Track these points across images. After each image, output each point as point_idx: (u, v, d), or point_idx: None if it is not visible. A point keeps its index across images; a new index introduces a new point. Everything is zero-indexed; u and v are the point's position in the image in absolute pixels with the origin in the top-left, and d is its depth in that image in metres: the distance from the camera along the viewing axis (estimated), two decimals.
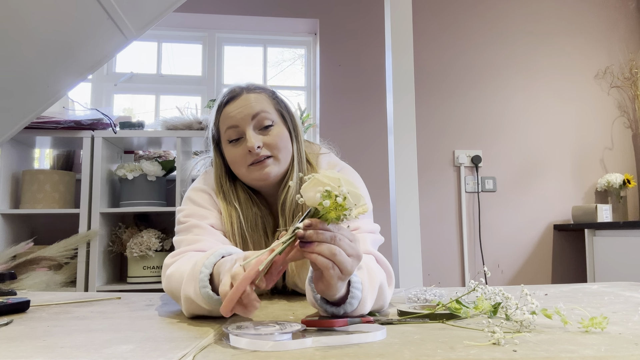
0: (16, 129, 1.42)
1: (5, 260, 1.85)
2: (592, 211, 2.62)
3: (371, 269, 0.77)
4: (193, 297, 0.72)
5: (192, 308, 0.74)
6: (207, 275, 0.72)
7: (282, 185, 1.02)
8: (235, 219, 0.98)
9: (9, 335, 0.66)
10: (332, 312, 0.70)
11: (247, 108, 0.98)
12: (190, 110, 2.50)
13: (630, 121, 2.97)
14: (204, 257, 0.74)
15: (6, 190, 2.07)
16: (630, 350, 0.52)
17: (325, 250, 0.61)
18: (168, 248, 2.21)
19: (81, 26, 1.28)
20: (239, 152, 0.98)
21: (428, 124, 2.78)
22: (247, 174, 0.99)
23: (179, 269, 0.82)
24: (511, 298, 0.70)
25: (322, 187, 0.61)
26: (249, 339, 0.55)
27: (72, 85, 1.45)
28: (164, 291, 0.89)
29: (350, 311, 0.69)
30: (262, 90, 1.03)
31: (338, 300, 0.69)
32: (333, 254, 0.62)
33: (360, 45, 2.83)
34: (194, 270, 0.74)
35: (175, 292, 0.81)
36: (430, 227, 2.72)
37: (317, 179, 0.62)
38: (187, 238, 0.93)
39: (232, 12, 2.78)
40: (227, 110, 1.00)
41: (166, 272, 0.86)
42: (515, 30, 2.96)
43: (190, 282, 0.74)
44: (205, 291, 0.70)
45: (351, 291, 0.69)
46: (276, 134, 0.99)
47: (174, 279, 0.82)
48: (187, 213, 0.98)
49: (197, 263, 0.75)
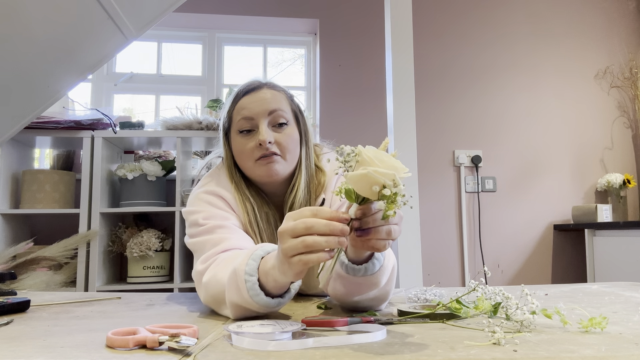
0: (16, 129, 1.42)
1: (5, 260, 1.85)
2: (592, 211, 2.62)
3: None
4: (242, 304, 0.71)
5: (240, 312, 0.73)
6: (255, 283, 0.69)
7: (289, 188, 1.01)
8: (250, 210, 0.98)
9: (9, 335, 0.66)
10: (352, 269, 0.73)
11: (266, 103, 0.98)
12: (190, 110, 2.50)
13: (630, 121, 2.97)
14: (243, 263, 0.71)
15: (6, 190, 2.07)
16: (630, 350, 0.52)
17: (383, 233, 0.63)
18: (168, 248, 2.21)
19: (81, 26, 1.28)
20: (248, 144, 0.97)
21: (428, 124, 2.78)
22: (253, 168, 0.98)
23: (215, 277, 0.79)
24: (511, 298, 0.70)
25: (377, 183, 0.60)
26: (251, 339, 0.55)
27: (72, 85, 1.45)
28: (202, 301, 0.85)
29: (371, 273, 0.73)
30: (282, 90, 1.04)
31: (360, 260, 0.73)
32: (389, 233, 0.63)
33: (360, 45, 2.83)
34: (236, 279, 0.71)
35: (217, 300, 0.78)
36: (430, 227, 2.72)
37: (372, 175, 0.59)
38: (212, 238, 0.89)
39: (232, 12, 2.78)
40: (245, 101, 0.99)
41: (202, 280, 0.83)
42: (515, 30, 2.96)
43: (234, 290, 0.72)
44: (259, 299, 0.69)
45: (375, 254, 0.73)
46: (288, 134, 0.99)
47: (212, 286, 0.79)
48: (207, 215, 0.94)
49: (237, 271, 0.71)
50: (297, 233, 0.61)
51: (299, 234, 0.61)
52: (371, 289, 0.75)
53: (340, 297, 0.80)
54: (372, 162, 0.60)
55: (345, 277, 0.74)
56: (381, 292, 0.79)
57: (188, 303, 0.98)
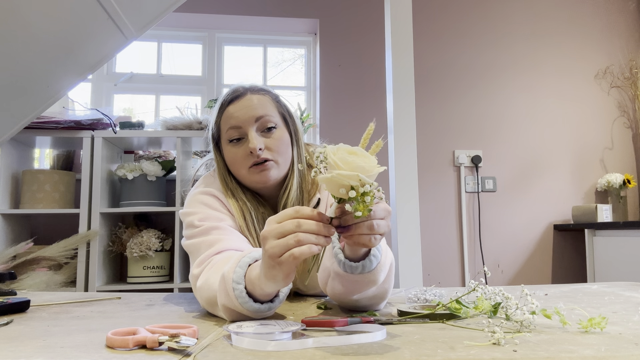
0: (16, 129, 1.42)
1: (5, 260, 1.85)
2: (592, 211, 2.62)
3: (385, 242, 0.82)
4: (233, 308, 0.71)
5: (234, 315, 0.73)
6: (243, 291, 0.69)
7: (282, 189, 1.01)
8: (248, 214, 0.98)
9: (9, 335, 0.66)
10: (350, 267, 0.73)
11: (251, 109, 0.98)
12: (190, 110, 2.50)
13: (630, 121, 2.97)
14: (231, 271, 0.71)
15: (6, 190, 2.07)
16: (630, 350, 0.52)
17: (365, 229, 0.63)
18: (168, 248, 2.21)
19: (81, 26, 1.28)
20: (239, 152, 0.97)
21: (428, 124, 2.78)
22: (247, 175, 0.98)
23: (207, 281, 0.80)
24: (511, 298, 0.70)
25: (343, 186, 0.59)
26: (250, 339, 0.55)
27: (72, 85, 1.45)
28: (200, 303, 0.85)
29: (368, 270, 0.73)
30: (266, 92, 1.03)
31: (357, 258, 0.73)
32: (371, 228, 0.63)
33: (360, 45, 2.83)
34: (225, 285, 0.72)
35: (211, 303, 0.79)
36: (430, 227, 2.72)
37: (336, 179, 0.60)
38: (207, 239, 0.89)
39: (232, 12, 2.78)
40: (230, 110, 0.99)
41: (196, 284, 0.83)
42: (515, 31, 2.96)
43: (224, 296, 0.72)
44: (249, 305, 0.69)
45: (372, 250, 0.72)
46: (278, 137, 0.99)
47: (205, 291, 0.80)
48: (203, 217, 0.94)
49: (225, 277, 0.72)
50: (286, 232, 0.62)
51: (289, 232, 0.62)
52: (369, 287, 0.76)
53: (340, 296, 0.80)
54: (336, 165, 0.60)
55: (343, 275, 0.74)
56: (380, 290, 0.79)
57: (188, 303, 0.98)
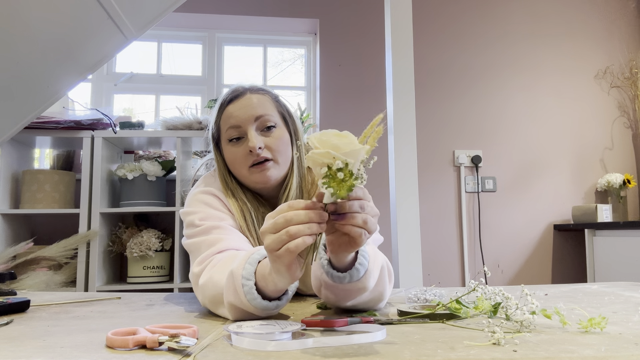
0: (16, 129, 1.42)
1: (5, 260, 1.85)
2: (592, 211, 2.62)
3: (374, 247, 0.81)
4: (240, 306, 0.71)
5: (239, 314, 0.73)
6: (252, 287, 0.70)
7: (282, 189, 1.02)
8: (248, 215, 0.98)
9: (9, 335, 0.66)
10: (337, 277, 0.71)
11: (251, 109, 0.98)
12: (190, 110, 2.50)
13: (630, 121, 2.97)
14: (240, 267, 0.71)
15: (6, 190, 2.07)
16: (630, 350, 0.52)
17: (359, 220, 0.62)
18: (168, 248, 2.21)
19: (81, 26, 1.28)
20: (239, 152, 0.98)
21: (428, 124, 2.78)
22: (247, 175, 0.98)
23: (212, 279, 0.79)
24: (511, 298, 0.70)
25: (319, 165, 0.58)
26: (250, 339, 0.55)
27: (72, 85, 1.45)
28: (200, 303, 0.85)
29: (356, 279, 0.71)
30: (265, 92, 1.03)
31: (344, 267, 0.72)
32: (365, 222, 0.63)
33: (360, 45, 2.83)
34: (234, 282, 0.72)
35: (214, 302, 0.78)
36: (430, 227, 2.72)
37: (312, 158, 0.58)
38: (207, 239, 0.89)
39: (232, 12, 2.78)
40: (230, 110, 0.99)
41: (198, 282, 0.83)
42: (515, 30, 2.96)
43: (232, 293, 0.72)
44: (257, 302, 0.69)
45: (358, 258, 0.71)
46: (278, 137, 0.99)
47: (208, 289, 0.79)
48: (203, 216, 0.94)
49: (234, 274, 0.72)
50: (279, 227, 0.62)
51: (281, 227, 0.62)
52: (361, 293, 0.75)
53: (334, 304, 0.80)
54: (314, 145, 0.59)
55: (332, 285, 0.74)
56: (374, 294, 0.78)
57: (188, 303, 0.98)
